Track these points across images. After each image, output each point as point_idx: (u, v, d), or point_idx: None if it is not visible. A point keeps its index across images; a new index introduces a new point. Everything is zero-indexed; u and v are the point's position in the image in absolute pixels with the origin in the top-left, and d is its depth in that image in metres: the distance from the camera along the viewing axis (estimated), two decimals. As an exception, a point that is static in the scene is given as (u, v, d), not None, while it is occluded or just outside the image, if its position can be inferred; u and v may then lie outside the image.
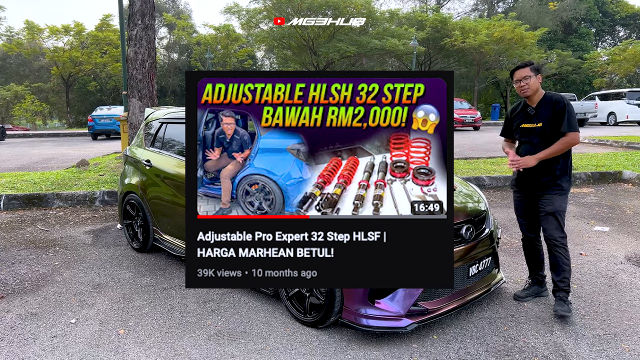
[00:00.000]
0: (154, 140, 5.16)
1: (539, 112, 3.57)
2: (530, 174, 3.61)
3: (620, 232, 5.62)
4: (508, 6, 45.10)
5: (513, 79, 3.64)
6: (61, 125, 48.22)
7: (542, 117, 3.54)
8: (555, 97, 3.55)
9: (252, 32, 33.79)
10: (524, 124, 3.66)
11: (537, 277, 3.86)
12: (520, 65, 3.62)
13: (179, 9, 49.02)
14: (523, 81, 3.55)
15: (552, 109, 3.50)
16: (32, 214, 7.00)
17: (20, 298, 3.95)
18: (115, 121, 19.87)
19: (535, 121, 3.57)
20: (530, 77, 3.53)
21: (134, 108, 9.48)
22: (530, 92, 3.56)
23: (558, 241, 3.50)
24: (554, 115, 3.49)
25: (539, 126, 3.55)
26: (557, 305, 3.47)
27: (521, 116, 3.70)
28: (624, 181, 8.70)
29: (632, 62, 32.36)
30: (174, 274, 4.47)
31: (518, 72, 3.60)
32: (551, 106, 3.51)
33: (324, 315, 3.23)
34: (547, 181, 3.55)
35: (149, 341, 3.21)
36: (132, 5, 9.34)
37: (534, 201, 3.68)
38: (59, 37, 37.86)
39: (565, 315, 3.38)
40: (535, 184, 3.61)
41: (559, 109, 3.47)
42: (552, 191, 3.55)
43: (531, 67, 3.56)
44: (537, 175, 3.59)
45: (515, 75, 3.62)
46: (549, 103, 3.53)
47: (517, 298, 3.78)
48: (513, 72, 3.65)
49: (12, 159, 13.58)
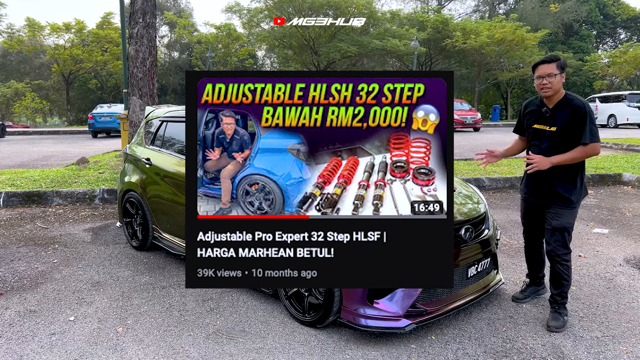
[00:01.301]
0: (154, 138, 5.16)
1: (555, 114, 3.22)
2: (543, 179, 3.33)
3: (620, 235, 5.62)
4: (509, 8, 45.10)
5: (535, 73, 3.23)
6: (61, 122, 48.22)
7: (557, 121, 3.21)
8: (576, 102, 3.16)
9: (253, 31, 33.82)
10: (537, 125, 3.35)
11: (536, 277, 3.78)
12: (546, 60, 3.18)
13: (180, 7, 49.02)
14: (546, 79, 3.15)
15: (572, 115, 3.14)
16: (31, 211, 7.00)
17: (19, 295, 3.95)
18: (115, 119, 19.87)
19: (549, 124, 3.25)
20: (555, 76, 3.14)
21: (134, 106, 9.48)
22: (552, 92, 3.19)
23: (561, 257, 3.31)
24: (573, 121, 3.14)
25: (552, 130, 3.23)
26: (552, 319, 3.34)
27: (535, 115, 3.38)
28: (624, 183, 8.71)
29: (633, 64, 32.37)
30: (172, 273, 4.47)
31: (542, 67, 3.17)
32: (570, 111, 3.15)
33: (322, 315, 3.23)
34: (562, 191, 3.27)
35: (148, 339, 3.21)
36: (134, 3, 9.34)
37: (542, 210, 3.44)
38: (60, 34, 37.88)
39: (558, 331, 3.27)
40: (547, 192, 3.34)
41: (580, 116, 3.12)
42: (562, 204, 3.29)
43: (557, 64, 3.15)
44: (550, 182, 3.30)
45: (538, 70, 3.20)
46: (569, 107, 3.17)
47: (516, 299, 3.72)
48: (536, 65, 3.22)
49: (12, 156, 13.58)
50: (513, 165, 10.01)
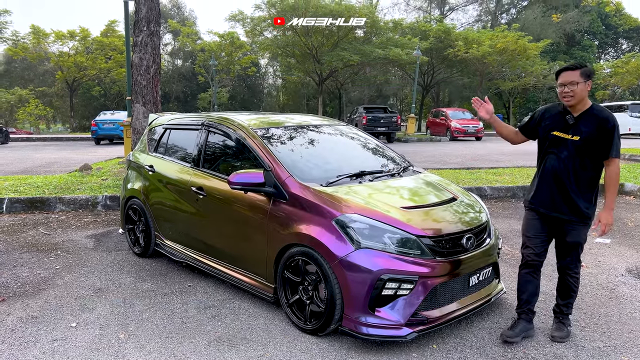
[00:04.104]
0: (157, 145, 5.19)
1: (580, 123, 3.07)
2: (562, 192, 3.15)
3: (622, 245, 5.61)
4: (511, 17, 45.33)
5: (557, 80, 3.11)
6: (64, 129, 48.39)
7: (582, 131, 3.05)
8: (604, 114, 3.04)
9: (256, 39, 33.93)
10: (557, 132, 3.16)
11: (529, 312, 3.36)
12: (569, 67, 3.08)
13: (184, 15, 49.36)
14: (569, 86, 3.02)
15: (598, 127, 3.01)
16: (34, 217, 7.02)
17: (22, 301, 3.96)
18: (118, 126, 19.97)
19: (572, 133, 3.09)
20: (578, 84, 3.01)
21: (137, 113, 9.53)
22: (575, 101, 3.05)
23: (573, 271, 3.26)
24: (599, 134, 3.01)
25: (575, 139, 3.06)
26: (556, 330, 3.33)
27: (556, 121, 3.19)
28: (626, 194, 8.70)
29: (635, 74, 32.40)
30: (174, 280, 4.48)
31: (565, 74, 3.07)
32: (597, 122, 3.02)
33: (324, 323, 3.23)
34: (581, 206, 3.12)
35: (149, 346, 3.21)
36: (138, 11, 9.42)
37: (553, 224, 3.25)
38: (64, 42, 38.10)
39: (562, 342, 3.26)
40: (566, 205, 3.15)
41: (608, 130, 2.99)
42: (578, 219, 3.15)
43: (582, 71, 3.02)
44: (569, 196, 3.13)
45: (560, 77, 3.09)
46: (595, 118, 3.03)
47: (507, 339, 3.23)
48: (559, 72, 3.11)
49: (15, 162, 13.63)
50: (515, 174, 10.02)
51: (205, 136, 4.50)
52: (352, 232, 3.15)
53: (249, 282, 3.89)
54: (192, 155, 4.57)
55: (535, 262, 3.30)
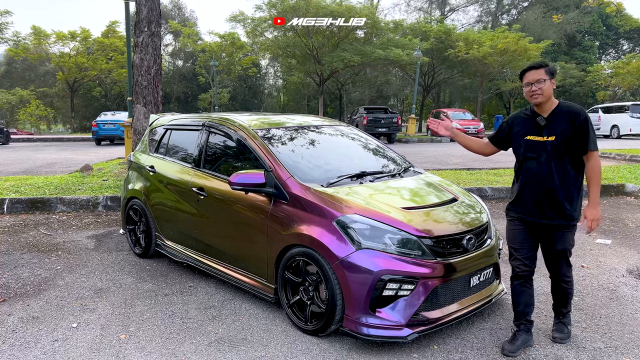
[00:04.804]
0: (158, 146, 5.20)
1: (551, 123, 3.05)
2: (548, 194, 3.06)
3: (622, 245, 5.61)
4: (512, 18, 45.34)
5: (523, 81, 3.12)
6: (65, 130, 48.46)
7: (555, 130, 3.03)
8: (574, 108, 3.03)
9: (257, 40, 33.94)
10: (531, 136, 3.12)
11: (527, 322, 3.24)
12: (533, 66, 3.09)
13: (184, 16, 49.44)
14: (535, 85, 3.02)
15: (571, 122, 2.99)
16: (35, 217, 7.03)
17: (22, 301, 3.97)
18: (119, 127, 19.99)
19: (546, 134, 3.05)
20: (544, 81, 3.01)
21: (138, 114, 9.53)
22: (543, 99, 3.04)
23: (565, 276, 3.22)
24: (573, 129, 2.98)
25: (551, 140, 3.03)
26: (556, 331, 3.32)
27: (527, 126, 3.16)
28: (627, 194, 8.69)
29: (636, 75, 32.36)
30: (175, 280, 4.48)
31: (530, 73, 3.07)
32: (569, 118, 3.00)
33: (324, 324, 3.23)
34: (567, 206, 3.05)
35: (150, 346, 3.21)
36: (139, 12, 9.43)
37: (540, 231, 3.18)
38: (65, 42, 38.17)
39: (563, 342, 3.26)
40: (551, 208, 3.08)
41: (582, 123, 2.97)
42: (569, 222, 3.08)
43: (546, 69, 3.04)
44: (554, 197, 3.05)
45: (526, 77, 3.09)
46: (566, 114, 3.02)
47: (509, 354, 3.09)
48: (524, 73, 3.12)
49: (16, 163, 13.65)
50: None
51: (206, 137, 4.51)
52: (352, 232, 3.15)
53: (249, 282, 3.89)
54: (192, 156, 4.58)
55: (526, 272, 3.20)
